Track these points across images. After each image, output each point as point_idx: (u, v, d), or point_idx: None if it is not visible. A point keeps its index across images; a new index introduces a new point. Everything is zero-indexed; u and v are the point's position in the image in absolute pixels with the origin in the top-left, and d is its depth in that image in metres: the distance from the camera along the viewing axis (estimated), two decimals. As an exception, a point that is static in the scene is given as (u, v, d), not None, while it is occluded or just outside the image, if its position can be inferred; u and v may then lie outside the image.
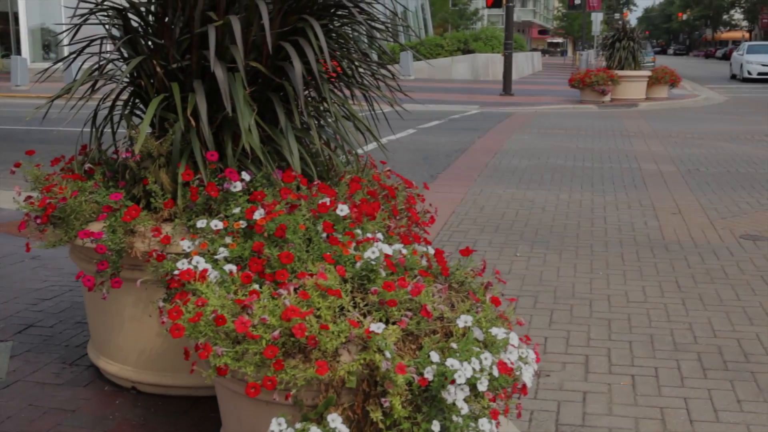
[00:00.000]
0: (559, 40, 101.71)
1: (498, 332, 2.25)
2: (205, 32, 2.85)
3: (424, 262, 2.56)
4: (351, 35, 3.45)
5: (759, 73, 32.06)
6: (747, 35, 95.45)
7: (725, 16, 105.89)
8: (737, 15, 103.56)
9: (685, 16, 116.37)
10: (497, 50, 33.23)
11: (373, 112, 3.48)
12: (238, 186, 2.74)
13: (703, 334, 4.07)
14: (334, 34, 3.34)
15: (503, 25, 24.94)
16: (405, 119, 4.57)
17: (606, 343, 3.93)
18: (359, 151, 3.42)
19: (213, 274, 2.43)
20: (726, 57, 63.61)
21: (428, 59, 32.68)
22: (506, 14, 23.15)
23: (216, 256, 2.54)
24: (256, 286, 2.35)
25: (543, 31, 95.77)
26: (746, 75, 32.51)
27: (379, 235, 2.61)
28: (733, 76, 35.16)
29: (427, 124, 14.45)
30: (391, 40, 3.57)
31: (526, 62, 40.39)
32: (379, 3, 3.46)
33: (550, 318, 4.29)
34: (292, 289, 2.28)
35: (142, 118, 3.17)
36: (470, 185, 8.30)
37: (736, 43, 71.14)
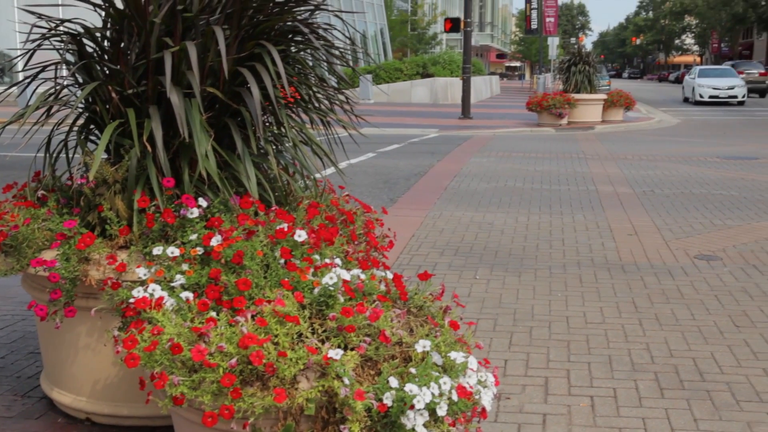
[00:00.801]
0: (517, 64, 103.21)
1: (457, 356, 2.25)
2: (161, 58, 2.84)
3: (382, 287, 2.56)
4: (310, 61, 3.46)
5: (710, 96, 32.86)
6: (698, 59, 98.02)
7: (677, 41, 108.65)
8: (689, 40, 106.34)
9: (638, 41, 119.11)
10: (456, 74, 33.56)
11: (330, 137, 3.49)
12: (195, 212, 2.72)
13: (660, 353, 4.12)
14: (291, 60, 3.35)
15: (462, 50, 25.21)
16: (365, 143, 4.59)
17: (565, 365, 3.96)
18: (317, 175, 3.42)
19: (169, 302, 2.40)
20: (679, 80, 65.00)
21: (388, 83, 32.84)
22: (464, 39, 23.44)
23: (172, 284, 2.51)
24: (213, 314, 2.33)
25: (501, 55, 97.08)
26: (698, 98, 33.28)
27: (338, 261, 2.61)
28: (686, 99, 35.96)
29: (386, 148, 14.51)
30: (350, 65, 3.59)
31: (485, 86, 40.87)
32: (336, 29, 3.47)
33: (509, 340, 4.31)
34: (249, 316, 2.27)
35: (97, 144, 3.13)
36: (430, 208, 8.34)
37: (688, 67, 72.91)
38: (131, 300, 2.42)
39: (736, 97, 32.66)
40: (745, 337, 4.37)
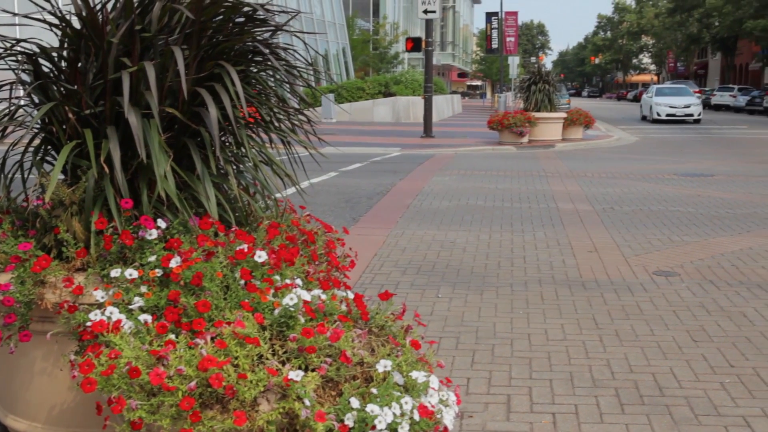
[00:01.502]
0: (478, 82, 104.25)
1: (418, 376, 2.25)
2: (119, 78, 2.81)
3: (343, 307, 2.56)
4: (271, 81, 3.46)
5: (667, 115, 33.48)
6: (655, 78, 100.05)
7: (635, 60, 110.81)
8: (646, 59, 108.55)
9: (597, 60, 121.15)
10: (418, 93, 33.77)
11: (291, 157, 3.49)
12: (153, 233, 2.69)
13: (620, 369, 4.16)
14: (253, 80, 3.34)
15: (423, 69, 25.40)
16: (327, 162, 4.60)
17: (527, 382, 3.98)
18: (278, 195, 3.42)
19: (127, 325, 2.37)
20: (637, 99, 66.18)
21: (350, 102, 32.93)
22: (426, 58, 23.61)
23: (131, 306, 2.48)
24: (172, 336, 2.30)
25: (462, 74, 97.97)
26: (655, 116, 33.89)
27: (298, 281, 2.60)
28: (644, 118, 36.60)
29: (348, 167, 14.53)
30: (311, 85, 3.59)
31: (447, 104, 41.18)
32: (296, 50, 3.48)
33: (472, 359, 4.32)
34: (209, 338, 2.24)
35: (53, 165, 3.09)
36: (392, 227, 8.35)
37: (646, 85, 74.31)
38: (88, 323, 2.38)
39: (692, 115, 33.31)
40: (702, 352, 4.43)
